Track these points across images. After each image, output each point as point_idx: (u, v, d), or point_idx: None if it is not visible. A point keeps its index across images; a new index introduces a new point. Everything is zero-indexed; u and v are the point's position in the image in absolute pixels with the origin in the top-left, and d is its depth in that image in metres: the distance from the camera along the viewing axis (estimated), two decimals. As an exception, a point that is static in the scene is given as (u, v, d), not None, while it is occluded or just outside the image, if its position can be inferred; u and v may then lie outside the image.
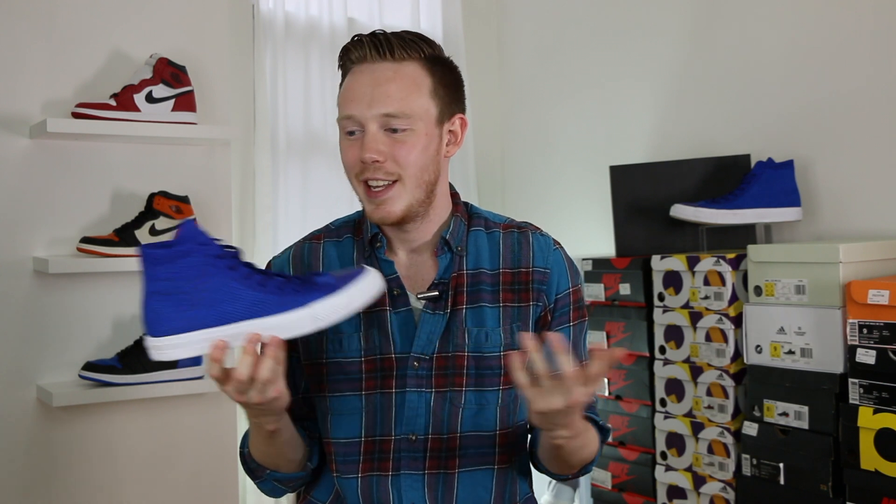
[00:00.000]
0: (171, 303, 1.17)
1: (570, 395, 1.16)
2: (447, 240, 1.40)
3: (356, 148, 1.35)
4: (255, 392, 1.20)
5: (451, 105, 1.40)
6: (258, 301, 1.19)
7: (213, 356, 1.18)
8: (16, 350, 2.25)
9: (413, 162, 1.33)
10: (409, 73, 1.35)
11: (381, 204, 1.34)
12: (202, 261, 1.18)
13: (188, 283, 1.17)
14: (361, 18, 3.28)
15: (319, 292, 1.20)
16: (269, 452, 1.35)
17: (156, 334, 1.18)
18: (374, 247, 1.41)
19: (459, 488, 1.38)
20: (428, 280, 1.41)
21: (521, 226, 1.47)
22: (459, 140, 1.42)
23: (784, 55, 2.70)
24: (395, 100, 1.32)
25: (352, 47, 1.37)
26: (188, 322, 1.17)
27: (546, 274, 1.42)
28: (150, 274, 1.18)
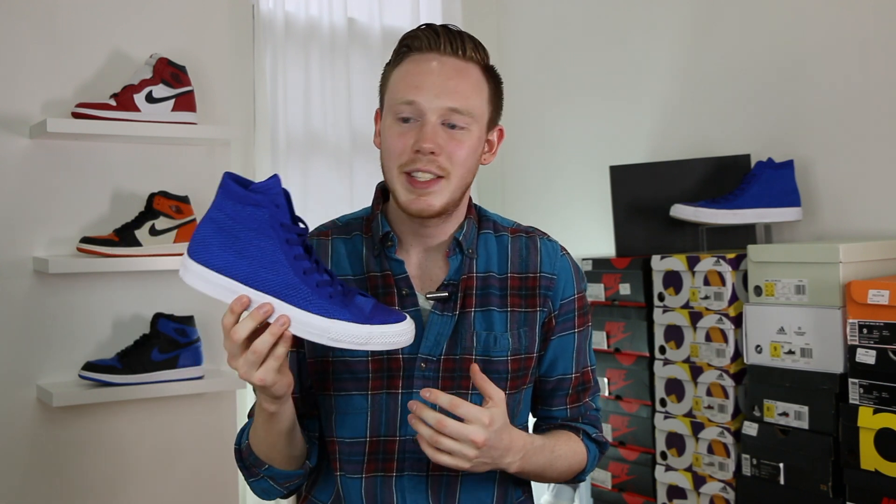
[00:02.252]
0: (221, 238, 1.17)
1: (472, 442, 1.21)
2: (459, 241, 1.40)
3: (409, 136, 1.32)
4: (243, 362, 1.18)
5: (496, 115, 1.42)
6: (292, 286, 1.17)
7: (234, 307, 1.17)
8: (16, 350, 2.25)
9: (463, 161, 1.34)
10: (475, 75, 1.36)
11: (423, 195, 1.32)
12: (268, 221, 1.17)
13: (245, 231, 1.16)
14: (361, 18, 3.28)
15: (349, 314, 1.18)
16: (267, 440, 1.32)
17: (194, 257, 1.17)
18: (384, 245, 1.40)
19: (462, 491, 1.38)
20: (437, 281, 1.40)
21: (529, 230, 1.47)
22: (495, 150, 1.44)
23: (783, 55, 2.70)
24: (463, 96, 1.33)
25: (422, 35, 1.35)
26: (225, 266, 1.16)
27: (553, 280, 1.42)
28: (218, 202, 1.17)
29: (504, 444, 1.27)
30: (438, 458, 1.22)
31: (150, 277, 2.39)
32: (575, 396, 1.47)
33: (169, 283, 2.41)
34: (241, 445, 1.40)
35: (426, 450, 1.23)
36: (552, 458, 1.38)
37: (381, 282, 1.38)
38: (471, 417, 1.21)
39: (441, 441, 1.21)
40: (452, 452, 1.22)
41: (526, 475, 1.37)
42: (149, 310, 2.37)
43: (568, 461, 1.41)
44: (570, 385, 1.46)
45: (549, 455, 1.37)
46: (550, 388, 1.46)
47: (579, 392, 1.47)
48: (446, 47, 1.34)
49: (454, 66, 1.34)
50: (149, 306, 2.38)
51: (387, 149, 1.35)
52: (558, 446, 1.39)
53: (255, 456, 1.36)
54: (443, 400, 1.21)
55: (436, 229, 1.40)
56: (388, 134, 1.35)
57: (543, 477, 1.40)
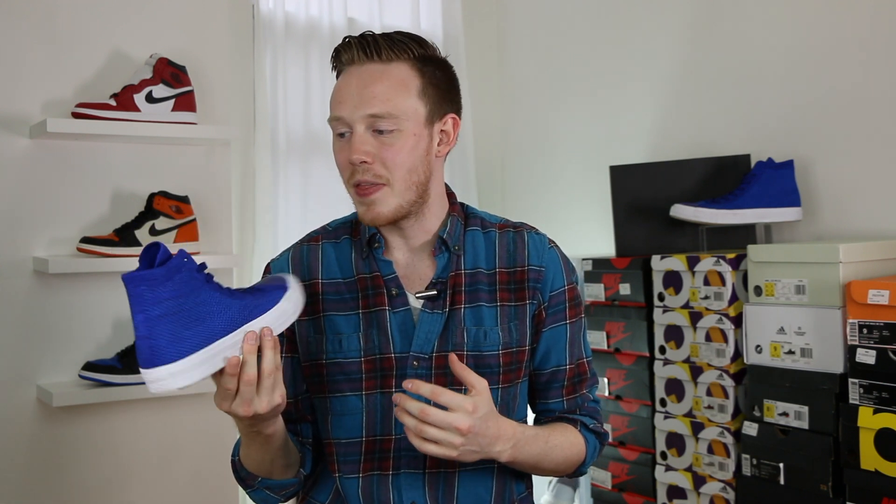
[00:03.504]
0: (179, 322, 1.13)
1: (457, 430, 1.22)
2: (444, 239, 1.41)
3: (346, 150, 1.35)
4: (264, 394, 1.19)
5: (442, 105, 1.39)
6: (243, 307, 1.20)
7: (229, 370, 1.17)
8: (16, 350, 2.25)
9: (401, 163, 1.33)
10: (397, 74, 1.34)
11: (370, 205, 1.34)
12: (190, 276, 1.16)
13: (188, 298, 1.14)
14: (361, 18, 3.28)
15: (274, 293, 1.24)
16: (264, 459, 1.34)
17: (174, 360, 1.13)
18: (372, 247, 1.41)
19: (460, 488, 1.39)
20: (426, 280, 1.41)
21: (517, 225, 1.48)
22: (452, 140, 1.42)
23: (784, 55, 2.70)
24: (381, 100, 1.32)
25: (341, 49, 1.37)
26: (201, 338, 1.15)
27: (541, 272, 1.43)
28: (150, 298, 1.12)
29: (492, 432, 1.27)
30: (425, 447, 1.23)
31: (150, 277, 2.39)
32: (571, 388, 1.47)
33: (169, 283, 2.41)
34: (235, 458, 1.41)
35: (413, 440, 1.23)
36: (546, 449, 1.37)
37: (370, 283, 1.40)
38: (454, 405, 1.22)
39: (425, 430, 1.22)
40: (438, 441, 1.22)
41: (520, 466, 1.36)
42: (149, 310, 2.37)
43: (564, 452, 1.40)
44: (566, 376, 1.46)
45: (542, 445, 1.37)
46: (545, 381, 1.46)
47: (575, 384, 1.47)
48: (361, 55, 1.34)
49: (371, 71, 1.34)
50: (149, 306, 2.38)
51: (336, 164, 1.38)
52: (553, 437, 1.39)
53: (247, 470, 1.37)
54: (424, 389, 1.22)
55: (412, 230, 1.41)
56: (333, 151, 1.38)
57: (540, 468, 1.39)
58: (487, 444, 1.27)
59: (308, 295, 1.39)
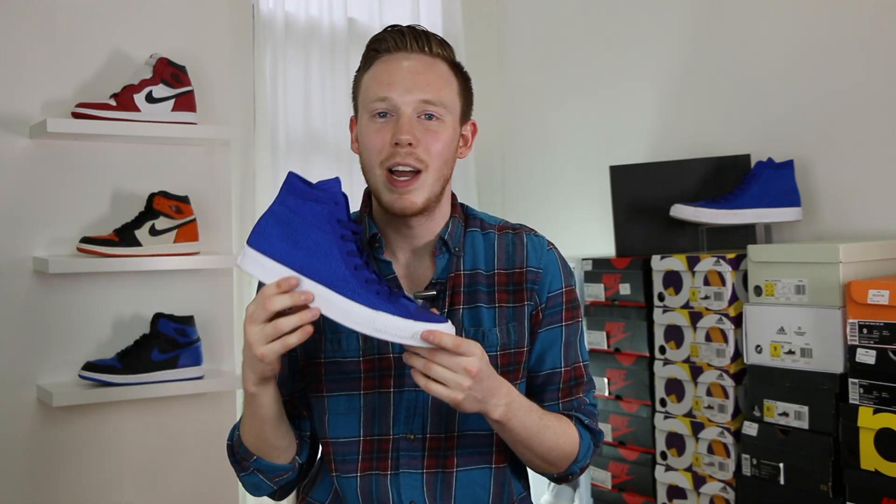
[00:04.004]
0: (280, 229, 1.23)
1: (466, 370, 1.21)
2: (445, 240, 1.41)
3: (386, 132, 1.34)
4: (258, 331, 1.20)
5: (467, 109, 1.44)
6: (343, 278, 1.21)
7: (282, 284, 1.20)
8: (16, 350, 2.25)
9: (440, 152, 1.36)
10: (443, 70, 1.39)
11: (404, 194, 1.34)
12: (325, 216, 1.23)
13: (303, 224, 1.23)
14: (361, 18, 3.28)
15: (394, 308, 1.21)
16: (253, 427, 1.34)
17: (253, 245, 1.24)
18: (372, 247, 1.41)
19: (458, 487, 1.38)
20: (425, 280, 1.41)
21: (516, 227, 1.48)
22: (469, 144, 1.46)
23: (784, 55, 2.70)
24: (435, 88, 1.36)
25: (389, 36, 1.39)
26: (281, 254, 1.22)
27: (539, 274, 1.43)
28: (282, 196, 1.25)
29: (493, 383, 1.27)
30: (431, 387, 1.22)
31: (150, 277, 2.40)
32: (567, 391, 1.46)
33: (169, 283, 2.42)
34: (232, 440, 1.42)
35: (419, 380, 1.22)
36: (540, 426, 1.35)
37: None
38: (462, 348, 1.21)
39: (434, 369, 1.21)
40: (447, 382, 1.21)
41: (511, 432, 1.33)
42: (149, 310, 2.38)
43: (557, 438, 1.38)
44: (561, 379, 1.45)
45: (536, 420, 1.35)
46: (541, 383, 1.45)
47: (571, 387, 1.46)
48: (412, 45, 1.38)
49: (422, 61, 1.37)
50: (149, 306, 2.38)
51: (366, 147, 1.37)
52: (547, 417, 1.38)
53: (245, 448, 1.37)
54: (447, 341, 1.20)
55: (420, 229, 1.41)
56: (366, 132, 1.37)
57: (531, 446, 1.36)
58: (488, 394, 1.26)
59: None
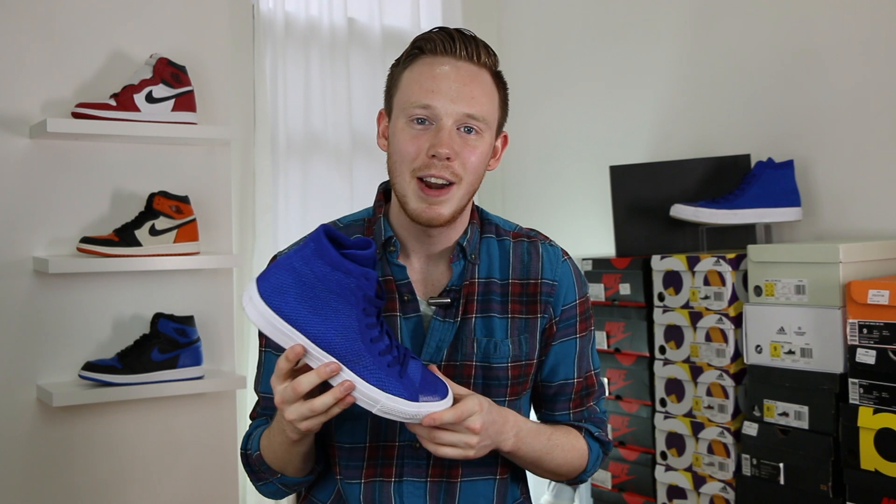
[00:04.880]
0: (300, 290, 1.17)
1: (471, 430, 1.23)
2: (463, 247, 1.39)
3: (424, 140, 1.30)
4: (294, 411, 1.19)
5: (504, 121, 1.41)
6: (358, 353, 1.18)
7: (290, 356, 1.17)
8: (16, 350, 2.25)
9: (474, 167, 1.33)
10: (487, 81, 1.35)
11: (434, 204, 1.31)
12: (353, 290, 1.17)
13: (327, 294, 1.16)
14: (361, 18, 3.28)
15: (402, 387, 1.19)
16: (284, 457, 1.34)
17: (266, 300, 1.17)
18: (387, 250, 1.39)
19: (461, 497, 1.38)
20: (439, 286, 1.39)
21: (531, 235, 1.46)
22: (499, 156, 1.43)
23: (784, 55, 2.70)
24: (479, 103, 1.31)
25: (437, 38, 1.33)
26: (297, 318, 1.17)
27: (554, 286, 1.42)
28: (308, 256, 1.17)
29: (499, 423, 1.28)
30: (441, 451, 1.23)
31: (150, 277, 2.40)
32: (578, 401, 1.46)
33: (169, 283, 2.41)
34: (248, 451, 1.40)
35: (429, 447, 1.23)
36: (549, 446, 1.36)
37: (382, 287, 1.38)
38: (460, 410, 1.22)
39: (440, 437, 1.22)
40: (455, 445, 1.23)
41: (522, 458, 1.35)
42: (149, 310, 2.37)
43: (566, 454, 1.39)
44: (573, 390, 1.44)
45: (545, 441, 1.36)
46: (553, 393, 1.45)
47: (583, 397, 1.46)
48: (461, 52, 1.32)
49: (469, 71, 1.32)
50: (149, 306, 2.38)
51: (399, 151, 1.32)
52: (556, 435, 1.38)
53: (268, 466, 1.37)
54: (448, 417, 1.21)
55: (439, 236, 1.38)
56: (401, 137, 1.32)
57: (541, 466, 1.38)
58: (496, 434, 1.28)
59: None
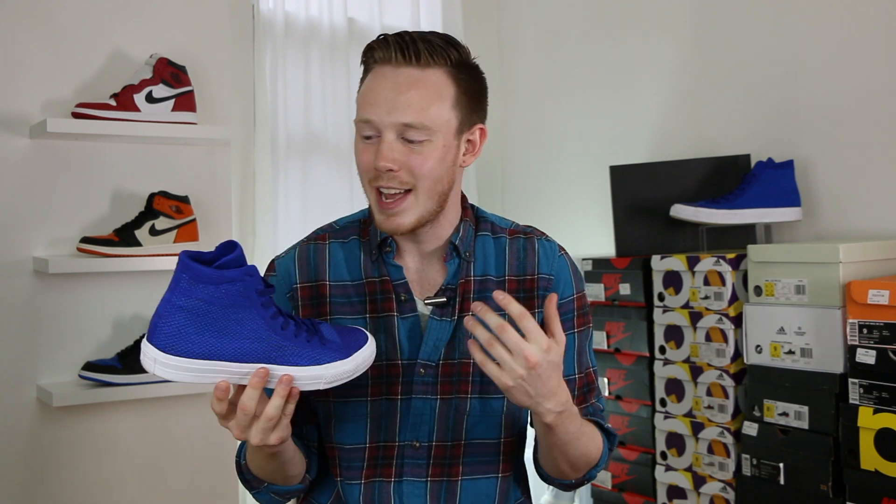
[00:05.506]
0: (197, 324, 1.12)
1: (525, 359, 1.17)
2: (456, 245, 1.39)
3: (371, 153, 1.30)
4: (256, 431, 1.17)
5: (472, 115, 1.36)
6: (278, 346, 1.16)
7: (219, 395, 1.15)
8: (16, 350, 2.25)
9: (427, 173, 1.30)
10: (433, 82, 1.29)
11: (392, 216, 1.30)
12: (244, 294, 1.13)
13: (222, 310, 1.12)
14: (361, 18, 3.28)
15: (331, 353, 1.18)
16: (268, 468, 1.33)
17: (168, 350, 1.12)
18: (382, 250, 1.39)
19: (462, 496, 1.37)
20: (435, 285, 1.39)
21: (527, 231, 1.45)
22: (477, 150, 1.39)
23: (784, 55, 2.70)
24: (416, 110, 1.27)
25: (376, 46, 1.31)
26: (208, 351, 1.12)
27: (550, 281, 1.41)
28: (185, 289, 1.11)
29: (552, 385, 1.22)
30: (487, 366, 1.19)
31: (150, 277, 2.39)
32: (581, 398, 1.44)
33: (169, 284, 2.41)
34: (240, 460, 1.39)
35: (476, 355, 1.19)
36: (579, 432, 1.33)
37: (378, 287, 1.38)
38: (531, 335, 1.18)
39: (495, 346, 1.18)
40: (502, 363, 1.18)
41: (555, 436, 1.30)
42: (149, 310, 2.37)
43: (589, 443, 1.36)
44: (575, 387, 1.43)
45: (579, 426, 1.32)
46: None
47: (585, 393, 1.45)
48: (397, 57, 1.28)
49: (407, 76, 1.28)
50: (149, 306, 2.38)
51: (357, 164, 1.34)
52: (585, 423, 1.36)
53: (255, 476, 1.36)
54: (492, 321, 1.17)
55: (428, 235, 1.38)
56: (356, 150, 1.33)
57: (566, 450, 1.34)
58: (542, 395, 1.22)
59: (314, 297, 1.38)
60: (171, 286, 1.13)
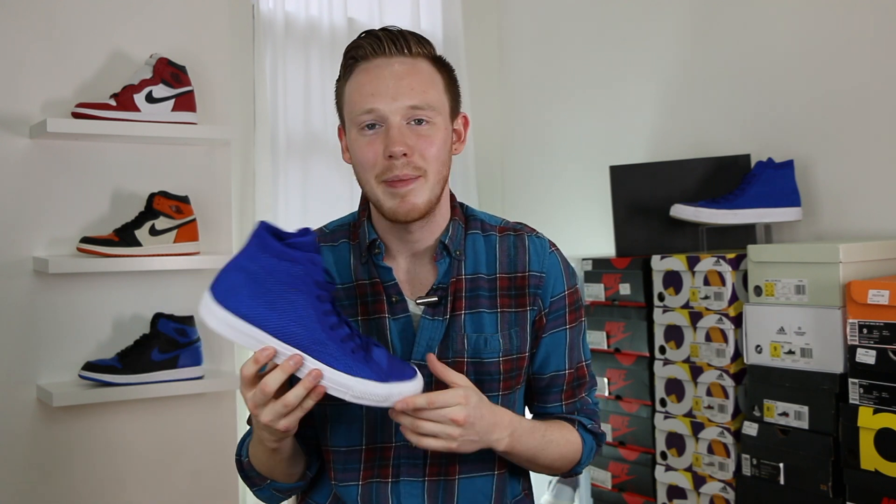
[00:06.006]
0: (252, 288, 1.17)
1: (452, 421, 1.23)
2: (446, 244, 1.39)
3: (377, 143, 1.31)
4: (269, 411, 1.19)
5: (456, 104, 1.40)
6: (320, 342, 1.18)
7: (259, 358, 1.17)
8: (16, 350, 2.25)
9: (435, 156, 1.33)
10: (425, 69, 1.35)
11: (405, 196, 1.31)
12: (302, 277, 1.18)
13: (278, 285, 1.17)
14: (361, 18, 3.28)
15: (369, 371, 1.19)
16: (269, 464, 1.35)
17: (221, 302, 1.18)
18: (372, 252, 1.39)
19: (459, 495, 1.37)
20: (426, 285, 1.39)
21: (517, 228, 1.46)
22: (463, 138, 1.43)
23: (784, 55, 2.70)
24: (419, 92, 1.31)
25: (366, 42, 1.34)
26: (254, 315, 1.17)
27: (542, 278, 1.41)
28: (252, 252, 1.18)
29: (488, 420, 1.27)
30: (424, 442, 1.23)
31: (150, 277, 2.40)
32: (570, 392, 1.46)
33: (169, 283, 2.41)
34: (241, 457, 1.40)
35: (410, 437, 1.24)
36: (543, 443, 1.37)
37: (370, 289, 1.38)
38: (447, 402, 1.22)
39: (422, 425, 1.22)
40: (436, 435, 1.23)
41: (517, 457, 1.36)
42: (149, 310, 2.38)
43: (560, 449, 1.39)
44: (565, 381, 1.45)
45: (539, 439, 1.36)
46: (544, 385, 1.45)
47: (574, 388, 1.46)
48: (391, 49, 1.33)
49: (403, 65, 1.33)
50: (149, 306, 2.38)
51: (359, 162, 1.33)
52: (550, 431, 1.39)
53: (257, 472, 1.37)
54: (420, 401, 1.22)
55: (420, 233, 1.38)
56: (356, 146, 1.33)
57: (536, 463, 1.39)
58: (485, 432, 1.27)
59: None
60: (244, 246, 1.20)
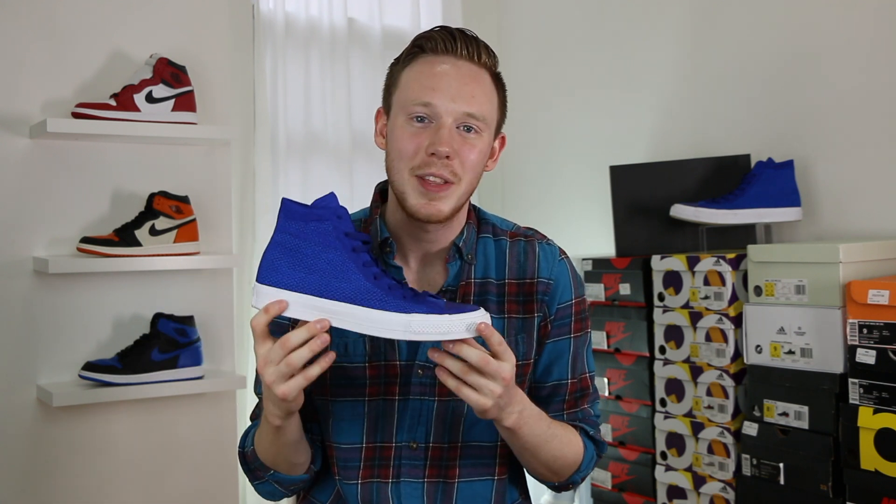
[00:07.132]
0: (289, 258, 1.19)
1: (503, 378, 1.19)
2: (459, 247, 1.38)
3: (423, 138, 1.30)
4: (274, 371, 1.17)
5: (502, 123, 1.42)
6: (365, 290, 1.18)
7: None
8: (16, 350, 2.25)
9: (473, 165, 1.33)
10: (487, 82, 1.35)
11: (434, 200, 1.30)
12: (332, 232, 1.20)
13: (311, 247, 1.19)
14: (361, 18, 3.28)
15: (426, 307, 1.18)
16: (272, 450, 1.33)
17: (264, 281, 1.20)
18: (383, 250, 1.38)
19: (458, 497, 1.37)
20: (436, 287, 1.39)
21: (528, 234, 1.46)
22: (496, 157, 1.43)
23: (784, 55, 2.70)
24: (478, 102, 1.32)
25: (439, 36, 1.33)
26: (297, 283, 1.18)
27: (550, 285, 1.41)
28: (281, 224, 1.21)
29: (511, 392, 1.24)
30: (463, 391, 1.19)
31: (150, 277, 2.40)
32: (572, 403, 1.45)
33: (169, 283, 2.41)
34: (245, 449, 1.39)
35: (449, 382, 1.19)
36: (548, 434, 1.33)
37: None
38: (504, 355, 1.19)
39: (471, 374, 1.18)
40: (480, 388, 1.19)
41: (521, 440, 1.31)
42: (149, 310, 2.37)
43: (562, 447, 1.37)
44: (567, 391, 1.44)
45: (545, 428, 1.33)
46: (546, 394, 1.44)
47: (577, 398, 1.45)
48: (462, 51, 1.32)
49: (469, 70, 1.33)
50: (149, 306, 2.38)
51: (397, 149, 1.32)
52: (555, 426, 1.36)
53: (261, 462, 1.36)
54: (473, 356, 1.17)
55: (436, 234, 1.38)
56: (400, 134, 1.32)
57: (536, 455, 1.35)
58: (506, 404, 1.24)
59: None
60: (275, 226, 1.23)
